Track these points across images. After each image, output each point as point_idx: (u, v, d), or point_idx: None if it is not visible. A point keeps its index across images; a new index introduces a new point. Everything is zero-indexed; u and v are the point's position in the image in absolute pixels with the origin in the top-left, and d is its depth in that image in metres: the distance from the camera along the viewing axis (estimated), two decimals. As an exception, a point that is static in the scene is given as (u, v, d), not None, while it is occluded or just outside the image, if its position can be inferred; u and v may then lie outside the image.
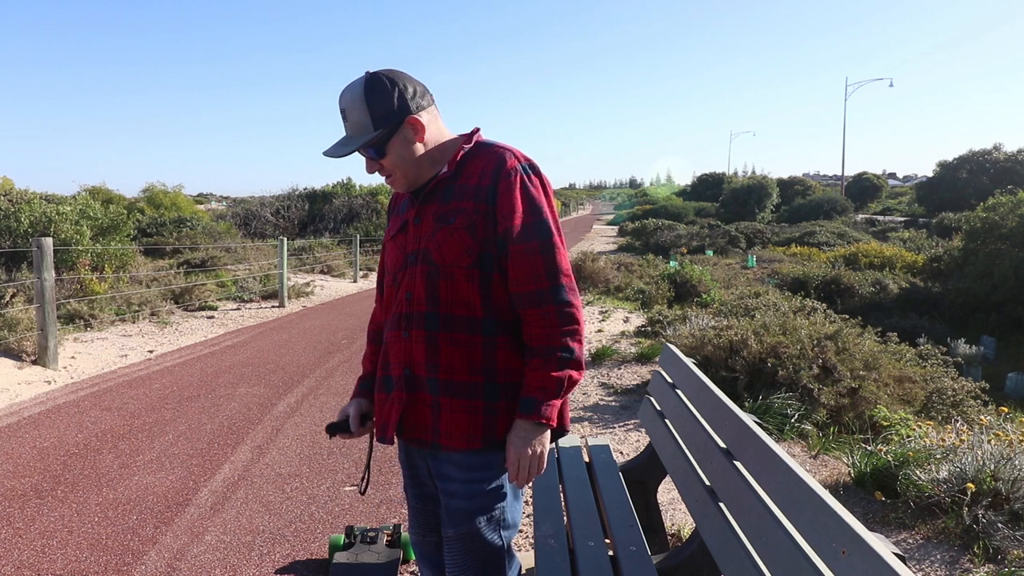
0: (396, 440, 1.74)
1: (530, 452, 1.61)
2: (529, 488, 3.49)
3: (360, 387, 1.91)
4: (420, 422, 1.69)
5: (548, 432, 1.64)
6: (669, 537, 3.15)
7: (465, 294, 1.62)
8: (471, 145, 1.70)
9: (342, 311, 11.11)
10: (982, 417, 4.63)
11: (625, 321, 10.07)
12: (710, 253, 23.98)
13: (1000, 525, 3.15)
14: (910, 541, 3.25)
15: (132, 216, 12.82)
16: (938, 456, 3.73)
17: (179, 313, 10.06)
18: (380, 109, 1.61)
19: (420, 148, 1.67)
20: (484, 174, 1.64)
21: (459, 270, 1.62)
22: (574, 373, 1.62)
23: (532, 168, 1.66)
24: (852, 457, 4.11)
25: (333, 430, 1.80)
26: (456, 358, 1.63)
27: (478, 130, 1.75)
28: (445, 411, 1.64)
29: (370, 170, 1.69)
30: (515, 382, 1.66)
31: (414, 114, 1.64)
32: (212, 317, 10.02)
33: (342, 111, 1.64)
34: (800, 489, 1.54)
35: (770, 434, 4.53)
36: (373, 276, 18.16)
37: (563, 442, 3.08)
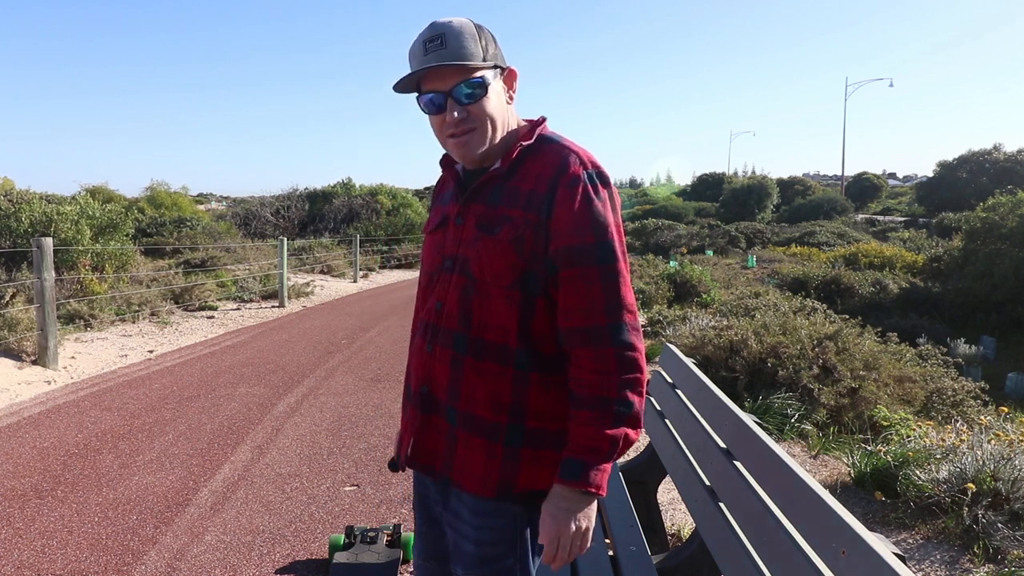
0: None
1: (573, 528, 1.32)
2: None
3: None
4: (433, 448, 1.48)
5: (595, 503, 1.35)
6: (669, 537, 3.15)
7: (501, 317, 1.38)
8: (531, 141, 1.43)
9: (342, 311, 11.11)
10: (982, 417, 4.63)
11: (625, 321, 10.06)
12: (710, 253, 24.00)
13: (1000, 525, 3.15)
14: (910, 541, 3.25)
15: (131, 215, 12.81)
16: (938, 456, 3.74)
17: (179, 313, 10.07)
18: (492, 47, 1.40)
19: (506, 111, 1.44)
20: (541, 179, 1.37)
21: (497, 289, 1.37)
22: (631, 432, 1.33)
23: (600, 177, 1.37)
24: (852, 457, 4.11)
25: (394, 467, 1.66)
26: (480, 390, 1.40)
27: (544, 121, 1.48)
28: (461, 446, 1.43)
29: (449, 117, 1.37)
30: (544, 428, 1.41)
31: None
32: (212, 317, 10.02)
33: (436, 37, 1.35)
34: (800, 489, 1.54)
35: (770, 434, 4.53)
36: (373, 276, 18.16)
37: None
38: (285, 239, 12.42)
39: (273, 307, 11.36)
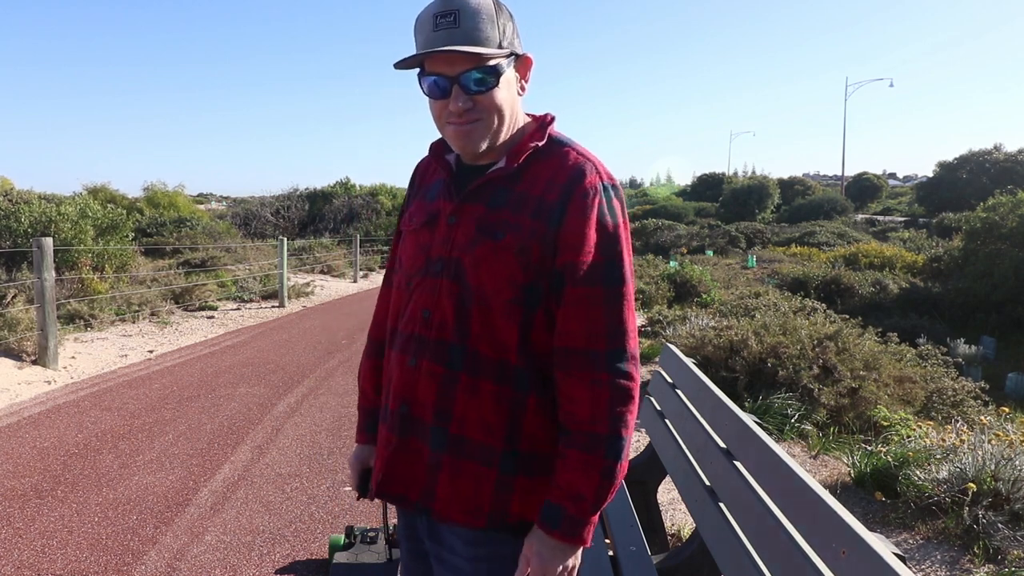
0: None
1: (560, 569, 1.23)
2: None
3: (367, 427, 1.54)
4: (408, 477, 1.33)
5: (581, 550, 1.26)
6: (669, 537, 3.15)
7: (501, 331, 1.25)
8: (543, 142, 1.29)
9: (342, 311, 11.11)
10: (982, 417, 4.63)
11: (625, 321, 10.07)
12: (710, 253, 24.00)
13: (1000, 525, 3.15)
14: (910, 541, 3.25)
15: (131, 216, 12.82)
16: (938, 456, 3.74)
17: (179, 313, 10.06)
18: (509, 30, 1.25)
19: (516, 104, 1.29)
20: (552, 185, 1.24)
21: (497, 301, 1.25)
22: (620, 472, 1.24)
23: (616, 191, 1.27)
24: (852, 457, 4.12)
25: (364, 491, 1.54)
26: (474, 410, 1.26)
27: (553, 119, 1.34)
28: (445, 473, 1.28)
29: (453, 105, 1.22)
30: (538, 453, 1.29)
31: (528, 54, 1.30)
32: (212, 317, 10.02)
33: (449, 12, 1.19)
34: (800, 489, 1.54)
35: (770, 434, 4.53)
36: (373, 276, 18.12)
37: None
38: (285, 239, 12.43)
39: (273, 307, 11.36)
